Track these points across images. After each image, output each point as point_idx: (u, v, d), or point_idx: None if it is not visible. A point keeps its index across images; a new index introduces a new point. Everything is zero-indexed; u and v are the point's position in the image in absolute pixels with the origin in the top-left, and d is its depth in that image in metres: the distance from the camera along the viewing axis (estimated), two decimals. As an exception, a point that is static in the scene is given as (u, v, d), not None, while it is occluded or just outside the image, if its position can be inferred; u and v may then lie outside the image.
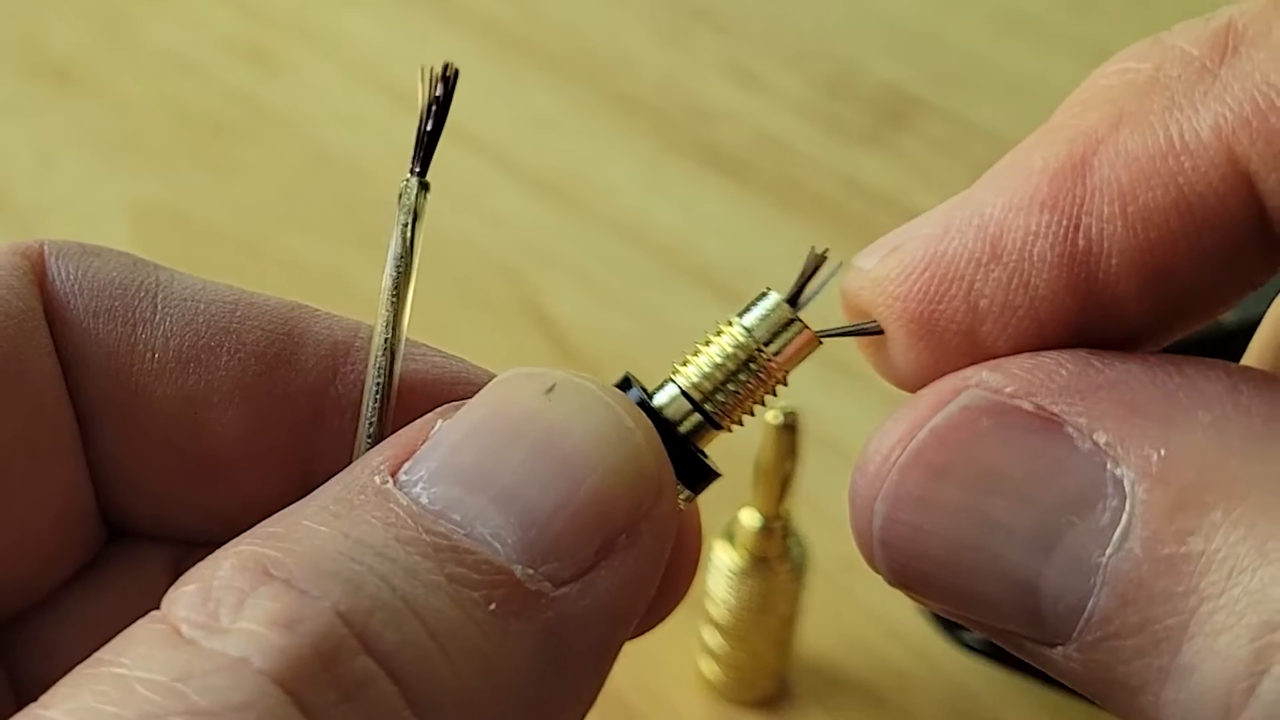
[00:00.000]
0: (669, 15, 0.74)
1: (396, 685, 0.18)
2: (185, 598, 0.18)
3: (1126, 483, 0.19)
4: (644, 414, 0.21)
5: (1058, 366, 0.20)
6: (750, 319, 0.23)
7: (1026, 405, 0.20)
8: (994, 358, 0.21)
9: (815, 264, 0.23)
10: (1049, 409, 0.20)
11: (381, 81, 0.68)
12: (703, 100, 0.69)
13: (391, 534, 0.19)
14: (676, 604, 0.25)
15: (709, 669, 0.45)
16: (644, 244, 0.61)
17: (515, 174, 0.64)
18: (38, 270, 0.24)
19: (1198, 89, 0.19)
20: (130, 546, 0.25)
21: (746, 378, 0.23)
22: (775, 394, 0.23)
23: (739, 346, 0.23)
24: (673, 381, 0.23)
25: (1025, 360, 0.20)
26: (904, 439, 0.21)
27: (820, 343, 0.23)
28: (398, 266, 0.23)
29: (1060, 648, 0.19)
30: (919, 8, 0.75)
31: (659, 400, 0.23)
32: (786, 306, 0.23)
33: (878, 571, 0.22)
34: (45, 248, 0.24)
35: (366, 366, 0.24)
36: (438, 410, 0.21)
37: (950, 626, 0.46)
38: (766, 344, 0.23)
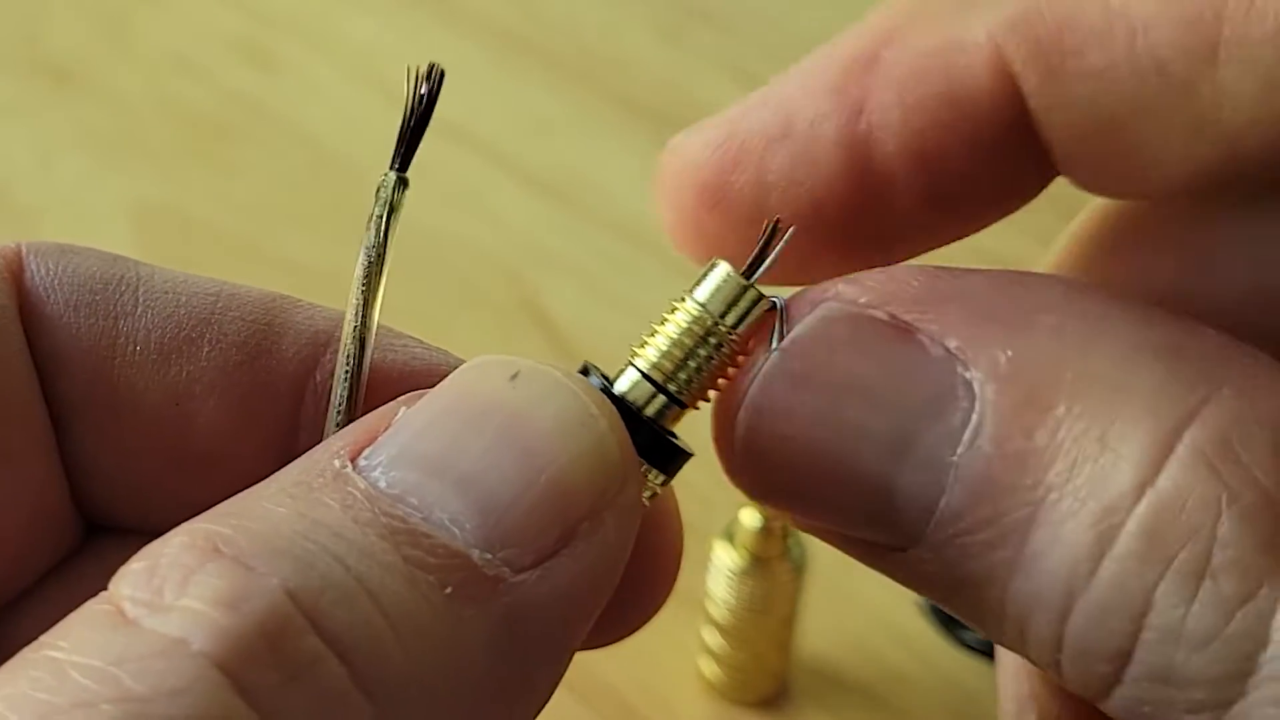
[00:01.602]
0: (669, 15, 0.74)
1: (345, 665, 0.17)
2: (132, 575, 0.18)
3: (976, 385, 0.20)
4: (609, 401, 0.21)
5: (909, 279, 0.21)
6: (703, 293, 0.23)
7: (881, 315, 0.21)
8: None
9: (771, 234, 0.23)
10: (902, 318, 0.20)
11: (381, 82, 0.68)
12: (703, 100, 0.69)
13: (348, 516, 0.19)
14: (660, 603, 0.25)
15: (709, 669, 0.45)
16: (644, 244, 0.61)
17: (515, 174, 0.64)
18: (14, 269, 0.24)
19: None
20: (108, 540, 0.25)
21: (706, 352, 0.22)
22: (737, 365, 0.23)
23: (695, 321, 0.23)
24: (633, 365, 0.23)
25: (878, 274, 0.21)
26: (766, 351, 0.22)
27: (776, 306, 0.23)
28: (369, 256, 0.23)
29: (913, 550, 0.20)
30: (919, 8, 0.75)
31: (621, 386, 0.23)
32: (738, 277, 0.23)
33: (738, 484, 0.22)
34: (23, 247, 0.24)
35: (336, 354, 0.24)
36: (402, 398, 0.21)
37: (950, 626, 0.46)
38: (722, 316, 0.22)
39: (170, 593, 0.17)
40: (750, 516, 0.42)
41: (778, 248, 0.23)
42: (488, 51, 0.71)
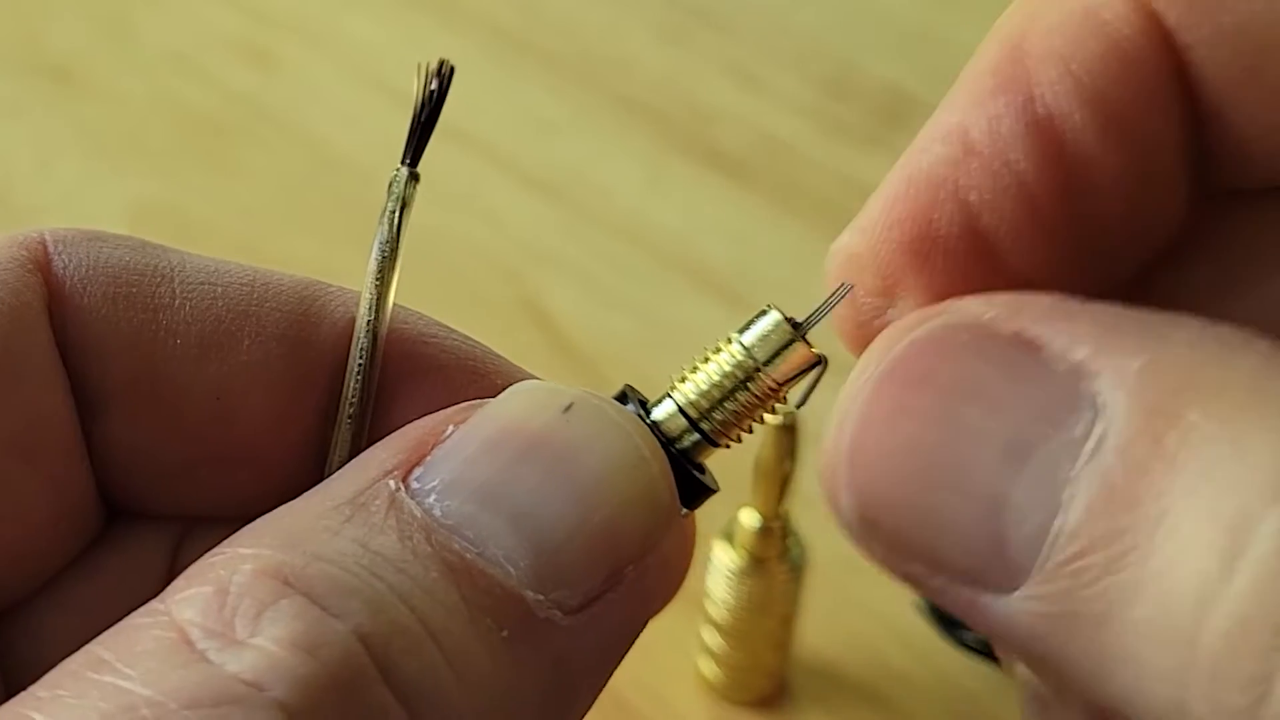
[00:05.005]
0: (669, 15, 0.74)
1: (410, 718, 0.17)
2: (199, 601, 0.18)
3: (1103, 395, 0.18)
4: (658, 443, 0.21)
5: (1037, 298, 0.20)
6: (750, 338, 0.23)
7: (1006, 330, 0.20)
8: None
9: (835, 295, 0.22)
10: (1028, 332, 0.19)
11: (381, 82, 0.68)
12: (703, 100, 0.69)
13: (407, 548, 0.19)
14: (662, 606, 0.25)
15: (709, 669, 0.45)
16: (644, 244, 0.61)
17: (515, 174, 0.64)
18: (39, 260, 0.23)
19: None
20: (128, 526, 0.25)
21: (745, 396, 0.22)
22: (774, 412, 0.23)
23: (738, 365, 0.22)
24: (671, 397, 0.23)
25: (1005, 294, 0.20)
26: (879, 359, 0.20)
27: (821, 362, 0.22)
28: (383, 251, 0.24)
29: (1019, 590, 0.18)
30: (918, 7, 0.75)
31: (657, 415, 0.23)
32: (787, 327, 0.22)
33: (839, 510, 0.20)
34: (47, 237, 0.24)
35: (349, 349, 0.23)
36: (450, 411, 0.21)
37: (950, 626, 0.46)
38: (766, 364, 0.22)
39: (242, 628, 0.17)
40: (749, 516, 0.42)
41: (831, 304, 0.22)
42: (488, 51, 0.71)
